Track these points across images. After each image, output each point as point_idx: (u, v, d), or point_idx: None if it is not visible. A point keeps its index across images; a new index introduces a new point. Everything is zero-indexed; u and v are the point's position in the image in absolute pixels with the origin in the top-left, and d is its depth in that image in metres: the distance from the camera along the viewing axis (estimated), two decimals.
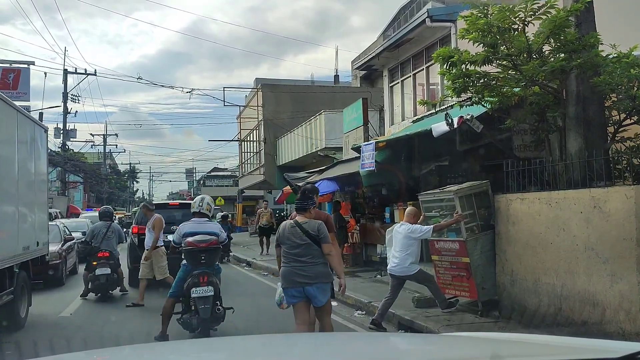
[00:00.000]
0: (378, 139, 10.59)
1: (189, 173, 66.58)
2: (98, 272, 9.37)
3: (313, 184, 6.34)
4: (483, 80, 6.02)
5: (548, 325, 5.77)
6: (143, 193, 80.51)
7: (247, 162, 31.46)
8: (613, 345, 1.94)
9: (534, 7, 5.48)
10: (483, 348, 2.12)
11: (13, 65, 32.83)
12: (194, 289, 6.12)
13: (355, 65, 16.61)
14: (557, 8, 5.48)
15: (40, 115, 30.55)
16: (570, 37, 5.49)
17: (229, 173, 50.29)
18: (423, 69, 13.22)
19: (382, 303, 7.02)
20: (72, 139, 38.06)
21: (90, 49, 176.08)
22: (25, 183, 7.58)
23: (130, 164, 63.76)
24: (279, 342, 2.47)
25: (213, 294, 6.17)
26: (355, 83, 26.16)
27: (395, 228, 7.11)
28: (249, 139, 29.76)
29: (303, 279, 5.00)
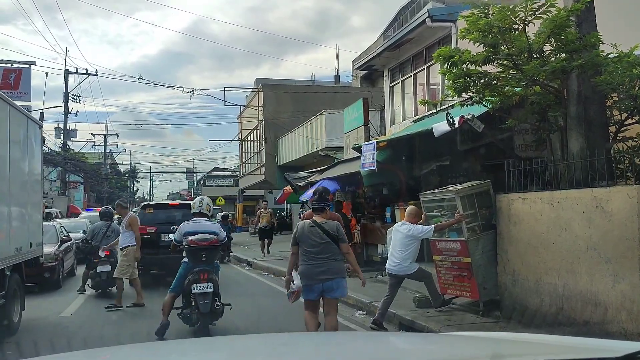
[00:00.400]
0: (379, 139, 10.58)
1: (190, 173, 66.58)
2: (99, 269, 9.69)
3: (325, 187, 6.75)
4: (484, 80, 6.02)
5: (550, 325, 5.76)
6: (143, 193, 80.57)
7: (247, 162, 31.44)
8: (613, 345, 1.94)
9: (534, 6, 5.47)
10: (483, 347, 2.12)
11: (14, 66, 32.88)
12: (195, 285, 6.40)
13: (356, 65, 16.61)
14: (557, 7, 5.47)
15: (41, 115, 30.54)
16: (571, 36, 5.48)
17: (230, 173, 50.26)
18: (424, 69, 13.21)
19: (381, 302, 7.02)
20: (72, 139, 38.08)
21: (91, 49, 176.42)
22: (18, 182, 7.23)
23: (131, 164, 63.83)
24: (279, 341, 2.48)
25: (212, 291, 6.44)
26: (356, 83, 26.16)
27: (396, 227, 7.11)
28: (250, 139, 29.75)
29: (324, 275, 5.37)
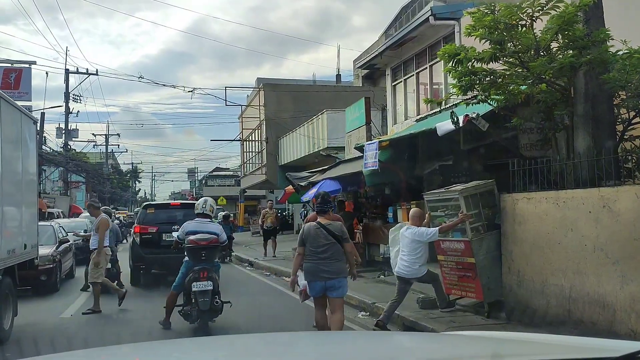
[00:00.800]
0: (381, 138, 10.48)
1: (191, 173, 66.52)
2: None
3: (326, 192, 7.09)
4: (489, 78, 5.91)
5: (556, 327, 5.66)
6: (145, 193, 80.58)
7: (249, 161, 31.37)
8: (613, 344, 1.91)
9: (542, 1, 5.37)
10: (483, 347, 2.11)
11: (14, 65, 32.82)
12: (195, 283, 6.60)
13: (358, 64, 16.51)
14: (565, 3, 5.37)
15: (42, 115, 30.48)
16: (579, 33, 5.38)
17: (231, 173, 50.20)
18: (426, 68, 13.11)
19: (388, 305, 6.92)
20: (74, 139, 38.04)
21: (92, 49, 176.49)
22: (10, 180, 6.93)
23: (133, 164, 63.81)
24: (279, 340, 2.49)
25: (212, 288, 6.64)
26: (357, 82, 26.06)
27: (402, 231, 7.00)
28: (251, 139, 29.68)
29: (327, 274, 5.66)
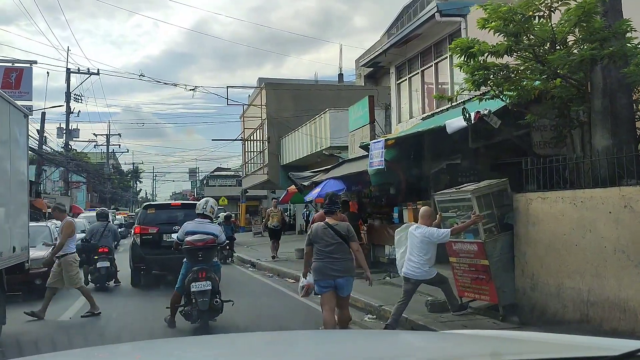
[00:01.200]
0: (387, 137, 10.25)
1: (192, 173, 66.32)
2: (99, 264, 10.50)
3: (335, 192, 7.28)
4: (503, 73, 5.66)
5: (573, 332, 5.41)
6: (146, 193, 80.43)
7: (250, 161, 31.18)
8: (613, 343, 1.90)
9: None
10: (483, 346, 2.10)
11: (15, 65, 32.62)
12: (194, 284, 6.65)
13: (362, 62, 16.27)
14: None
15: (43, 115, 30.33)
16: (598, 25, 5.15)
17: (232, 173, 49.99)
18: (431, 65, 12.89)
19: (395, 307, 6.70)
20: (75, 139, 37.86)
21: (94, 50, 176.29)
22: None
23: (134, 164, 63.64)
24: (279, 339, 2.49)
25: (211, 288, 6.68)
26: (360, 82, 25.84)
27: (411, 230, 6.77)
28: (253, 138, 29.48)
29: (335, 273, 5.83)
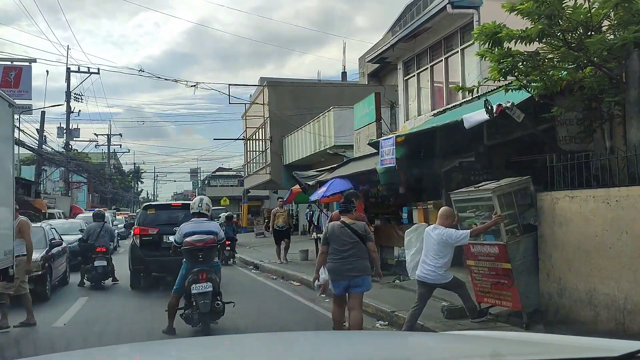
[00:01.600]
0: (398, 133, 9.81)
1: (194, 173, 65.93)
2: (96, 263, 10.77)
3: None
4: (532, 61, 5.21)
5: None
6: (147, 193, 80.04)
7: (252, 161, 30.79)
8: (612, 344, 1.88)
9: None
10: (483, 347, 2.11)
11: (14, 63, 32.21)
12: (194, 286, 6.46)
13: (368, 59, 15.84)
14: None
15: (43, 114, 29.99)
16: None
17: (234, 173, 49.61)
18: (441, 60, 12.44)
19: (410, 313, 6.27)
20: (75, 139, 37.52)
21: (95, 50, 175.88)
22: None
23: (135, 164, 63.27)
24: (279, 340, 2.47)
25: (212, 290, 6.50)
26: (363, 81, 25.42)
27: (427, 231, 6.34)
28: (255, 138, 29.09)
29: (352, 272, 5.76)
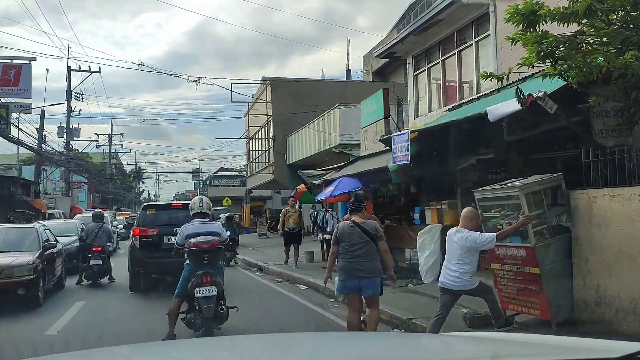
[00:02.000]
0: (412, 128, 9.30)
1: (195, 173, 65.49)
2: (92, 262, 11.04)
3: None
4: (572, 44, 4.67)
5: None
6: (149, 194, 79.63)
7: (255, 160, 30.33)
8: (613, 345, 1.85)
9: None
10: (483, 348, 2.12)
11: (14, 61, 31.81)
12: (198, 289, 6.23)
13: (376, 54, 15.33)
14: None
15: (42, 113, 29.54)
16: None
17: (236, 173, 49.18)
18: (454, 54, 11.93)
19: (431, 323, 5.75)
20: (76, 138, 37.12)
21: (97, 51, 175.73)
22: None
23: (136, 164, 62.87)
24: (279, 341, 2.47)
25: (216, 294, 6.28)
26: (367, 79, 24.94)
27: (449, 234, 5.83)
28: (258, 137, 28.64)
29: (361, 273, 5.63)
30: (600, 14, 4.53)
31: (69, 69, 33.60)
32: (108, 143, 47.27)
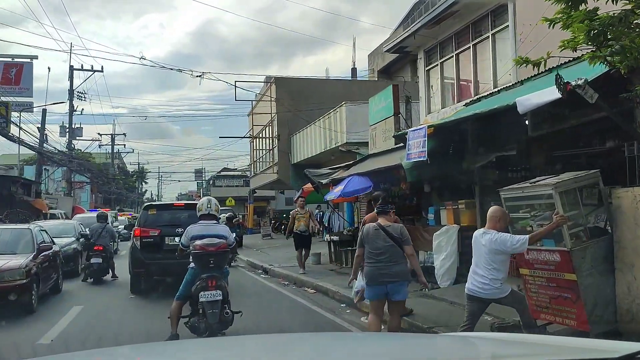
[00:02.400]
0: (430, 123, 8.79)
1: (198, 173, 65.11)
2: (92, 260, 11.61)
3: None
4: (624, 24, 4.14)
5: None
6: (152, 194, 79.30)
7: (259, 160, 29.89)
8: (612, 345, 1.82)
9: None
10: (483, 348, 2.11)
11: (15, 60, 31.45)
12: (202, 293, 6.07)
13: (385, 48, 14.83)
14: None
15: (44, 112, 29.16)
16: None
17: (239, 173, 48.77)
18: (469, 47, 11.41)
19: (457, 333, 5.25)
20: (78, 138, 36.77)
21: (99, 52, 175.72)
22: None
23: (139, 164, 62.56)
24: (279, 341, 2.46)
25: (221, 298, 6.12)
26: (372, 79, 24.46)
27: (476, 237, 5.32)
28: (262, 136, 28.19)
29: (386, 277, 5.51)
30: None
31: (71, 68, 33.30)
32: (111, 143, 46.97)
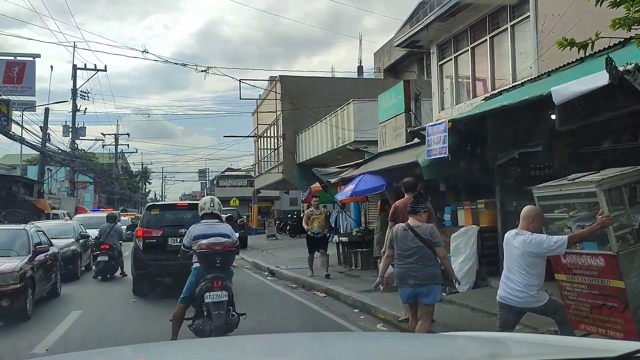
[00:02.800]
0: (451, 117, 8.30)
1: (202, 173, 64.79)
2: (99, 259, 12.22)
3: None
4: None
5: None
6: (155, 194, 79.05)
7: (263, 160, 29.48)
8: (611, 345, 1.88)
9: None
10: (482, 347, 2.11)
11: (17, 58, 31.13)
12: (208, 294, 5.87)
13: (396, 43, 14.35)
14: None
15: (47, 112, 28.84)
16: None
17: (244, 173, 48.39)
18: (485, 41, 10.94)
19: None
20: (81, 138, 36.43)
21: (103, 44, 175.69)
22: None
23: (143, 164, 62.28)
24: (279, 341, 2.44)
25: (227, 300, 5.92)
26: (378, 77, 24.02)
27: (507, 238, 4.81)
28: (266, 135, 27.78)
29: (415, 280, 5.38)
30: None
31: (75, 67, 32.97)
32: (114, 143, 46.68)
